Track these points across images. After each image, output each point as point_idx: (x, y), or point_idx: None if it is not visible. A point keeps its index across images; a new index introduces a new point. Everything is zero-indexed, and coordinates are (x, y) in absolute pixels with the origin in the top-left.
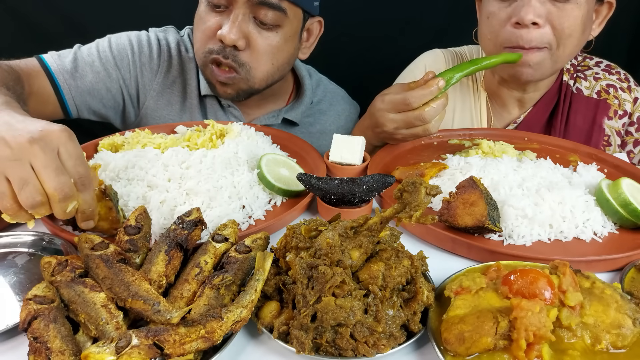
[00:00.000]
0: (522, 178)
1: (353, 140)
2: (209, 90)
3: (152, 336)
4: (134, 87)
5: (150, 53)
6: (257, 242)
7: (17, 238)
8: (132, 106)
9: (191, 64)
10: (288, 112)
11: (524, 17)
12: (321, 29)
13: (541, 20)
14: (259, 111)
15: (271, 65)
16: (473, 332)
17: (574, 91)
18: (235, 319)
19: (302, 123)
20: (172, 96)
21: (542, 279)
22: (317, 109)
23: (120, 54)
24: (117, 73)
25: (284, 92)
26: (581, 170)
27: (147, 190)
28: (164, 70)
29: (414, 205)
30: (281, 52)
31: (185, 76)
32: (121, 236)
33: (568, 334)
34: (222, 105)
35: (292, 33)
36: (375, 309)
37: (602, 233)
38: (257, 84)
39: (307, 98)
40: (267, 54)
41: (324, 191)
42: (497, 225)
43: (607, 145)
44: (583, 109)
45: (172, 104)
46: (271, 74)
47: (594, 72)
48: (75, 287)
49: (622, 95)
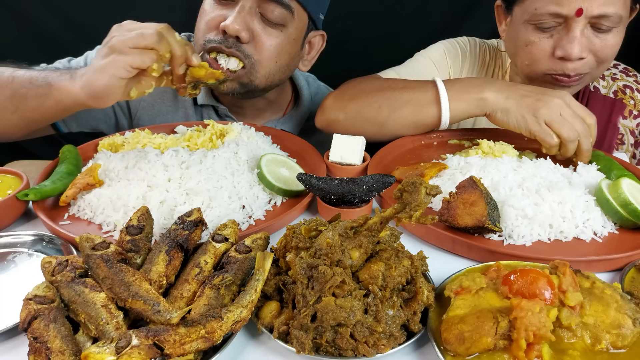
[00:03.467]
0: (522, 178)
1: (353, 140)
2: (205, 99)
3: (152, 336)
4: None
5: None
6: (257, 242)
7: (17, 238)
8: (124, 117)
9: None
10: (285, 124)
11: (571, 54)
12: (323, 43)
13: (586, 54)
14: (256, 121)
15: (274, 63)
16: (473, 332)
17: (591, 89)
18: (235, 319)
19: (299, 133)
20: (164, 106)
21: (542, 279)
22: None
23: None
24: None
25: (282, 102)
26: (581, 170)
27: (147, 190)
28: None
29: (414, 205)
30: (284, 52)
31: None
32: (123, 236)
33: (568, 334)
34: (219, 114)
35: (295, 36)
36: (375, 309)
37: (602, 233)
38: (258, 81)
39: (305, 109)
40: (271, 50)
41: (324, 191)
42: (497, 225)
43: (621, 144)
44: (599, 107)
45: (164, 114)
46: (273, 72)
47: (612, 72)
48: (76, 287)
49: (639, 97)
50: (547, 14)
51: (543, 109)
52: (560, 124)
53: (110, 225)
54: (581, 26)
